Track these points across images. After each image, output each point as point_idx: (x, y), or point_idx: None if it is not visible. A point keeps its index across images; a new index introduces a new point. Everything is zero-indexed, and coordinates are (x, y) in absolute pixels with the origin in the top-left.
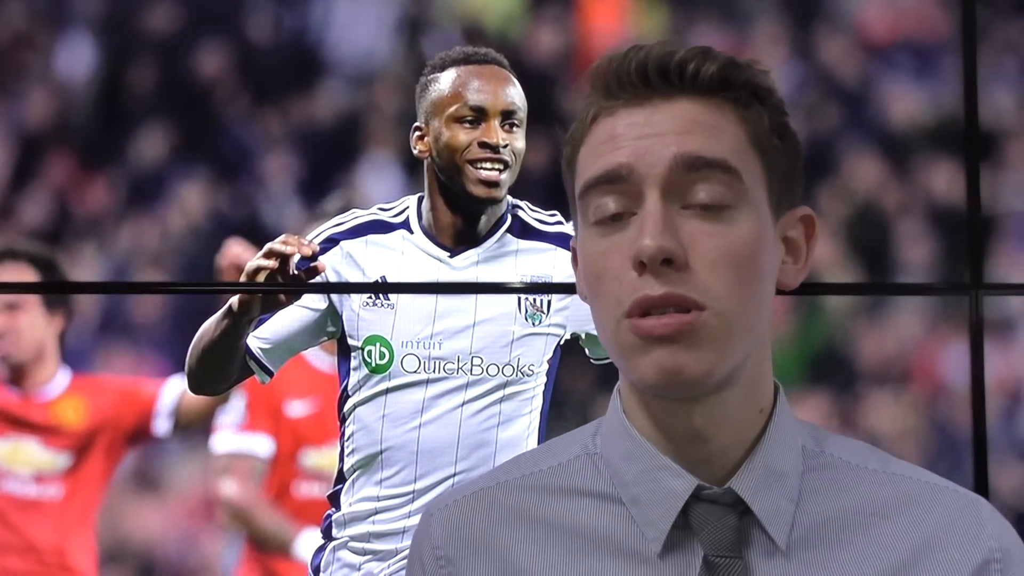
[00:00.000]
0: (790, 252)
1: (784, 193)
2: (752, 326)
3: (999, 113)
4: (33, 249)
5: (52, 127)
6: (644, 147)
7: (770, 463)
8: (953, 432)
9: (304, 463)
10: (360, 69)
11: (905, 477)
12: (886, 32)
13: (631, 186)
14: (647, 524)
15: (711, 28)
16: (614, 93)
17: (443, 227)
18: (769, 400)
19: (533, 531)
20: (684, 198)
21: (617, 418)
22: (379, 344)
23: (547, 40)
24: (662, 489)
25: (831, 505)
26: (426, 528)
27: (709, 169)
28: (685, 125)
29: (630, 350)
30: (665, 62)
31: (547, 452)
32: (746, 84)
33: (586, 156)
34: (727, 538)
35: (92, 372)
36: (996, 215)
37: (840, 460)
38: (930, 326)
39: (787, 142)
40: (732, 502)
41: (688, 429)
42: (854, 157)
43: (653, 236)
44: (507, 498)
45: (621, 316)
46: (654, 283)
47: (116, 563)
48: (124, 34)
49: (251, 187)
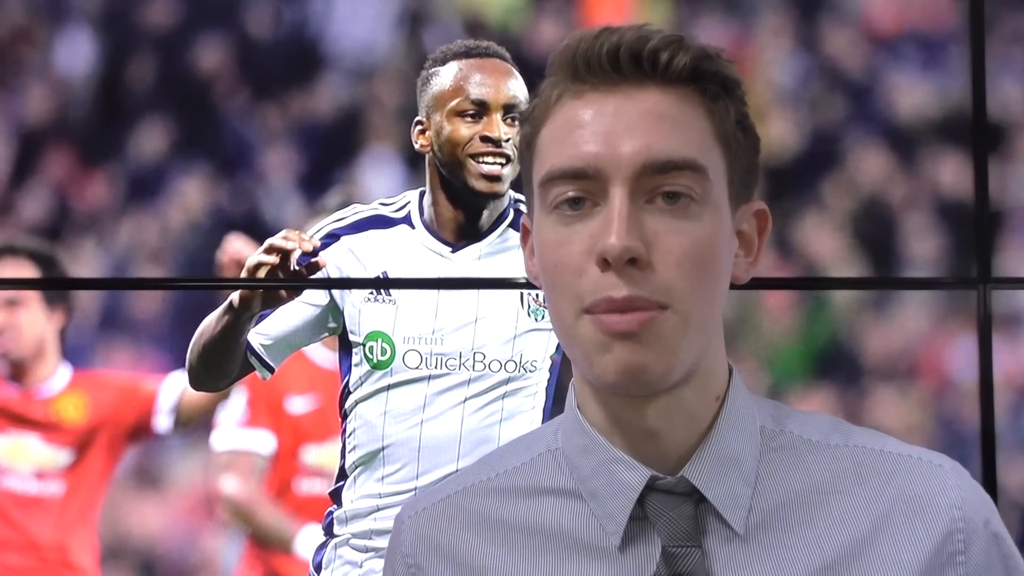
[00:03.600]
0: (743, 246)
1: (743, 187)
2: (710, 322)
3: (1007, 105)
4: (33, 245)
5: (51, 123)
6: (612, 142)
7: (723, 449)
8: (961, 428)
9: (305, 460)
10: (361, 63)
11: (866, 449)
12: (892, 23)
13: (597, 182)
14: (606, 518)
15: (715, 20)
16: (582, 76)
17: (445, 222)
18: (724, 386)
19: (498, 535)
20: (649, 193)
21: (572, 413)
22: (381, 340)
23: (549, 33)
24: (617, 482)
25: (790, 485)
26: (397, 535)
27: (678, 171)
28: (655, 119)
29: (591, 346)
30: (638, 49)
31: (513, 450)
32: (716, 76)
33: (549, 140)
34: (684, 527)
35: (92, 368)
36: (1004, 208)
37: (800, 439)
38: (937, 321)
39: (748, 136)
40: (687, 491)
41: (642, 425)
42: (860, 150)
43: (619, 236)
44: (473, 503)
45: (580, 311)
46: (617, 283)
47: (117, 560)
48: (123, 29)
49: (251, 182)
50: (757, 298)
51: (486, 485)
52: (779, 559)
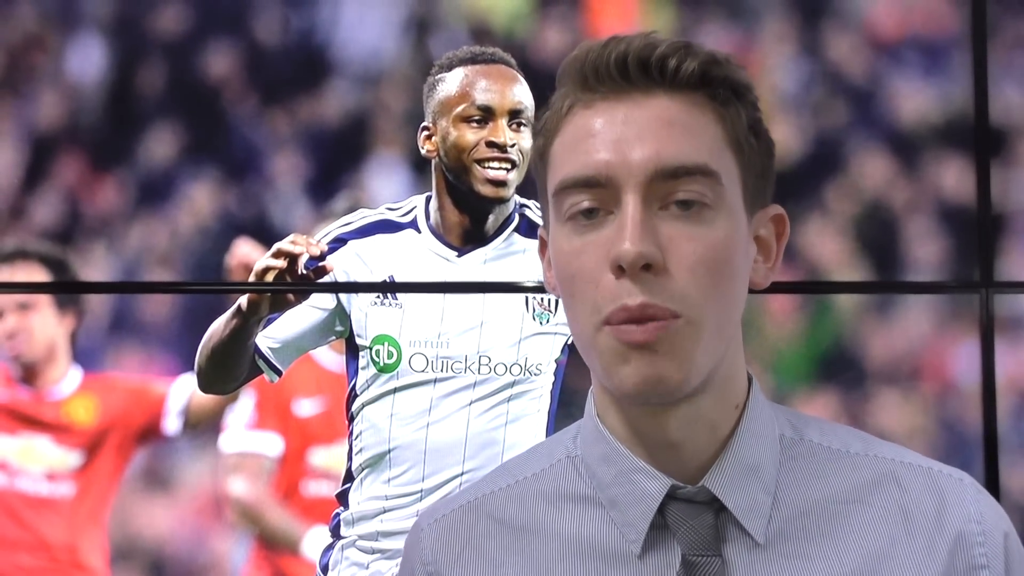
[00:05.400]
0: (761, 251)
1: (758, 192)
2: (726, 329)
3: (1009, 110)
4: (44, 249)
5: (63, 128)
6: (622, 150)
7: (743, 458)
8: (963, 431)
9: (312, 462)
10: (368, 69)
11: (886, 459)
12: (895, 29)
13: (609, 190)
14: (626, 525)
15: (718, 26)
16: (591, 86)
17: (451, 226)
18: (743, 394)
19: (518, 541)
20: (663, 199)
21: (592, 421)
22: (387, 343)
23: (554, 39)
24: (638, 491)
25: (810, 494)
26: (416, 543)
27: (689, 176)
28: (664, 125)
29: (609, 357)
30: (646, 56)
31: (532, 457)
32: (726, 80)
33: (561, 151)
34: (704, 536)
35: (103, 371)
36: (1006, 213)
37: (819, 446)
38: (940, 325)
39: (762, 140)
40: (707, 499)
41: (662, 435)
42: (862, 155)
43: (633, 241)
44: (493, 510)
45: (600, 322)
46: (632, 289)
47: (126, 561)
48: (134, 36)
49: (259, 187)
50: (760, 302)
51: (506, 492)
52: (799, 569)
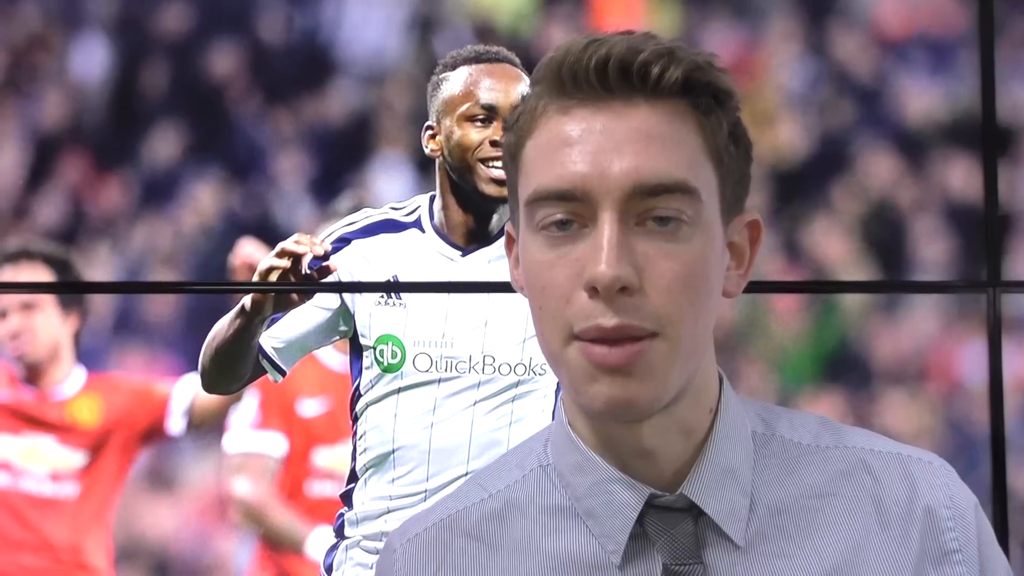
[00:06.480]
0: (734, 257)
1: (735, 199)
2: (700, 343)
3: (1016, 109)
4: (48, 249)
5: (66, 128)
6: (600, 163)
7: (720, 462)
8: (970, 431)
9: (317, 462)
10: (371, 68)
11: (856, 449)
12: (901, 27)
13: (585, 204)
14: (604, 537)
15: (724, 25)
16: (568, 91)
17: (455, 226)
18: (715, 397)
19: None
20: (640, 215)
21: (563, 429)
22: (391, 343)
23: (558, 38)
24: (615, 502)
25: (785, 492)
26: (390, 565)
27: (668, 193)
28: (644, 139)
29: (578, 374)
30: (628, 63)
31: (504, 468)
32: (708, 87)
33: (535, 155)
34: (684, 544)
35: (107, 371)
36: (1013, 212)
37: (790, 442)
38: (947, 324)
39: (741, 147)
40: (686, 507)
41: (637, 444)
42: (869, 154)
43: (609, 264)
44: (469, 526)
45: (569, 336)
46: (607, 312)
47: (131, 561)
48: (137, 36)
49: (263, 187)
50: (766, 301)
51: (479, 507)
52: (780, 569)
